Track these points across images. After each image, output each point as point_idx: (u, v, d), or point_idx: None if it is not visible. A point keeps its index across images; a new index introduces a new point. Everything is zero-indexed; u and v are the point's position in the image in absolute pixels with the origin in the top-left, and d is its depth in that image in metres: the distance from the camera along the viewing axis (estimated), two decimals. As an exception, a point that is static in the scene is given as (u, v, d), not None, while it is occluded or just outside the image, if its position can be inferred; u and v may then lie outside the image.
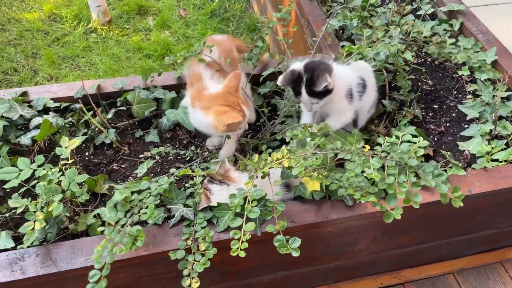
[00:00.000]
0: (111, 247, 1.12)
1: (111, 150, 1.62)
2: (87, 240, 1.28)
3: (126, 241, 1.13)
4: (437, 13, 2.28)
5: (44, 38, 2.97)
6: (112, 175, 1.55)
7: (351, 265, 1.66)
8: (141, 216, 1.18)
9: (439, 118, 1.82)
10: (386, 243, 1.61)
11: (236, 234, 1.16)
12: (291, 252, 1.14)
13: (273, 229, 1.19)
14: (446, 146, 1.70)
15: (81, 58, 2.87)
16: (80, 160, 1.58)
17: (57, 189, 1.26)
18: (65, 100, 1.70)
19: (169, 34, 3.13)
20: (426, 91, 1.93)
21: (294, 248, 1.14)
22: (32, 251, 1.24)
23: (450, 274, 1.80)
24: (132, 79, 1.77)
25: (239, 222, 1.21)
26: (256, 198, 1.21)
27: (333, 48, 1.97)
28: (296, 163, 1.21)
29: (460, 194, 1.23)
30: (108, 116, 1.64)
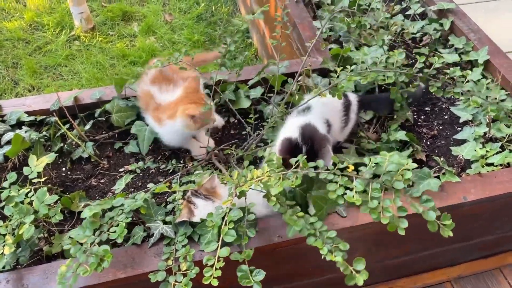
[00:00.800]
0: (75, 268, 1.04)
1: (90, 164, 1.55)
2: (61, 263, 1.20)
3: (91, 262, 1.05)
4: (427, 12, 2.22)
5: (25, 47, 2.89)
6: (90, 191, 1.47)
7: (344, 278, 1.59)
8: (111, 234, 1.10)
9: (431, 121, 1.76)
10: (380, 254, 1.55)
11: (209, 260, 1.09)
12: (253, 285, 1.07)
13: (239, 257, 1.12)
14: (439, 150, 1.64)
15: (63, 67, 2.79)
16: (56, 176, 1.51)
17: (28, 210, 1.19)
18: (40, 113, 1.62)
19: (155, 40, 3.05)
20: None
21: (256, 282, 1.07)
22: (2, 277, 1.17)
23: (447, 282, 1.74)
24: (110, 89, 1.70)
25: (214, 246, 1.13)
26: (234, 219, 1.14)
27: (320, 52, 1.91)
28: (276, 182, 1.13)
29: (450, 223, 1.14)
30: (86, 127, 1.56)
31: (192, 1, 3.34)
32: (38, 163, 1.19)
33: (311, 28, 2.05)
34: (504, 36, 2.08)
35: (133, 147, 1.58)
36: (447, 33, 2.08)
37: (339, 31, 2.05)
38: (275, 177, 1.18)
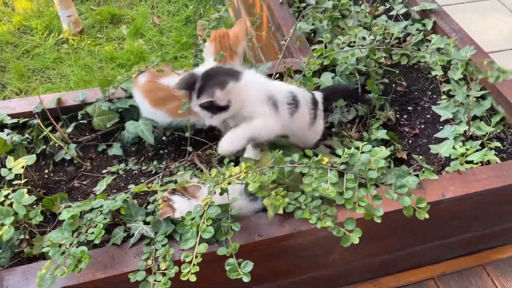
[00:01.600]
0: (53, 270, 1.05)
1: (72, 166, 1.55)
2: (41, 264, 1.21)
3: (69, 263, 1.06)
4: (411, 12, 2.25)
5: (13, 51, 2.89)
6: (73, 193, 1.48)
7: (327, 276, 1.60)
8: (88, 236, 1.11)
9: (413, 120, 1.78)
10: (362, 251, 1.56)
11: (187, 256, 1.10)
12: (242, 277, 1.08)
13: (225, 251, 1.13)
14: (420, 148, 1.66)
15: (51, 70, 2.79)
16: (39, 178, 1.51)
17: (8, 212, 1.19)
18: (24, 116, 1.63)
19: (143, 42, 3.06)
20: (400, 93, 1.88)
21: (245, 273, 1.08)
22: (-19, 278, 1.17)
23: (430, 280, 1.75)
24: (94, 91, 1.71)
25: (192, 243, 1.14)
26: (212, 216, 1.15)
27: (303, 52, 1.92)
28: (253, 179, 1.15)
29: (425, 206, 1.15)
30: (68, 130, 1.57)
31: (181, 3, 3.35)
32: (15, 164, 1.20)
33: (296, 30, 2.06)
34: (487, 36, 2.11)
35: (117, 150, 1.59)
36: (430, 32, 2.11)
37: (322, 32, 2.07)
38: (252, 173, 1.19)
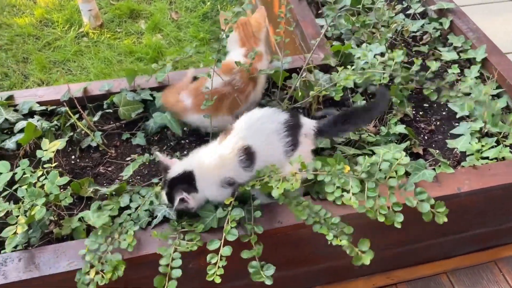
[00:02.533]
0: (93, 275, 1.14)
1: (98, 153, 1.61)
2: (70, 244, 1.26)
3: (107, 270, 1.14)
4: (428, 11, 2.27)
5: (35, 42, 2.96)
6: (98, 178, 1.53)
7: (343, 266, 1.63)
8: (121, 243, 1.19)
9: (429, 116, 1.81)
10: (378, 243, 1.59)
11: (213, 258, 1.15)
12: (265, 280, 1.13)
13: (249, 254, 1.17)
14: (436, 144, 1.69)
15: (72, 63, 2.86)
16: (66, 163, 1.57)
17: (40, 193, 1.25)
18: (51, 104, 1.68)
19: (161, 37, 3.12)
20: (417, 90, 1.91)
21: (267, 277, 1.13)
22: (14, 255, 1.23)
23: (443, 274, 1.78)
24: (119, 81, 1.76)
25: (216, 244, 1.18)
26: (236, 218, 1.20)
27: (322, 48, 1.96)
28: (276, 184, 1.19)
29: (444, 210, 1.18)
30: (94, 118, 1.62)
31: (198, 0, 3.41)
32: (50, 146, 1.25)
33: (314, 26, 2.10)
34: (503, 37, 2.13)
35: (141, 139, 1.63)
36: (447, 32, 2.13)
37: (341, 29, 2.11)
38: (275, 179, 1.24)
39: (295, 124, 1.36)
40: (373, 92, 1.81)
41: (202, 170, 1.27)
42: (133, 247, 1.21)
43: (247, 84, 1.61)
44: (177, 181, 1.27)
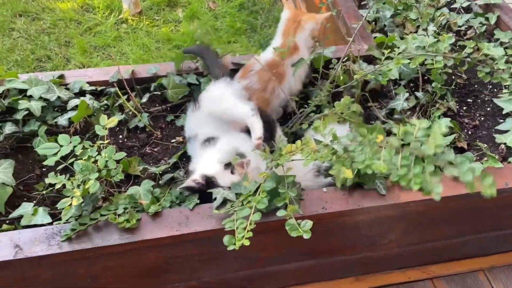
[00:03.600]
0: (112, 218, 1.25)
1: (144, 133, 1.65)
2: (120, 218, 1.30)
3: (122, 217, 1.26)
4: (472, 6, 2.23)
5: (76, 27, 3.03)
6: (144, 158, 1.57)
7: (380, 257, 1.64)
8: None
9: (473, 112, 1.79)
10: (417, 235, 1.59)
11: (242, 224, 1.17)
12: (303, 234, 1.14)
13: (284, 214, 1.19)
14: (480, 140, 1.66)
15: (112, 48, 2.92)
16: (114, 142, 1.61)
17: (93, 168, 1.29)
18: (100, 84, 1.73)
19: (198, 26, 3.15)
20: (460, 85, 1.89)
21: (305, 231, 1.14)
22: (68, 226, 1.27)
23: (480, 271, 1.76)
24: (165, 65, 1.80)
25: (247, 212, 1.20)
26: (267, 189, 1.21)
27: (365, 39, 1.95)
28: (307, 155, 1.19)
29: (492, 182, 1.06)
30: (142, 100, 1.66)
31: (235, -10, 3.42)
32: (108, 122, 1.29)
33: (357, 17, 2.09)
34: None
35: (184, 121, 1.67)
36: (493, 27, 2.09)
37: (384, 21, 2.09)
38: (307, 151, 1.24)
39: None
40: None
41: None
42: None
43: (267, 82, 1.62)
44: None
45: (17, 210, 1.35)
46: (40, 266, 1.25)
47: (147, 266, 1.37)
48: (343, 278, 1.69)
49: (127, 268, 1.35)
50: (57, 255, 1.22)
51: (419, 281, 1.72)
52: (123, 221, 1.23)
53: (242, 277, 1.55)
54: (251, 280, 1.57)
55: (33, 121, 1.56)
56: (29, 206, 1.35)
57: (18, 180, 1.47)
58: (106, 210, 1.29)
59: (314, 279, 1.67)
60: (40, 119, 1.57)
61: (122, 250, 1.26)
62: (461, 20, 2.10)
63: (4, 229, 1.32)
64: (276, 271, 1.56)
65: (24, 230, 1.26)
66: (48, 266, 1.26)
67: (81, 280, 1.35)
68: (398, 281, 1.70)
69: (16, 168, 1.47)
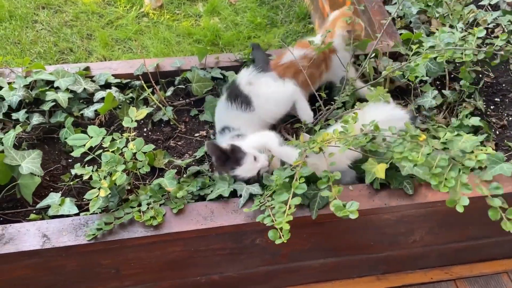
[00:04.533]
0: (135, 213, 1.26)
1: (168, 127, 1.65)
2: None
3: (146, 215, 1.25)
4: (500, 4, 2.18)
5: (98, 20, 3.05)
6: (169, 151, 1.57)
7: (402, 257, 1.62)
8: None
9: (501, 111, 1.75)
10: (441, 236, 1.57)
11: (281, 208, 1.16)
12: (349, 215, 1.12)
13: (329, 194, 1.18)
14: (509, 140, 1.63)
15: (133, 41, 2.93)
16: (138, 135, 1.62)
17: (120, 160, 1.30)
18: (124, 77, 1.74)
19: (219, 21, 3.14)
20: (487, 84, 1.85)
21: (351, 211, 1.12)
22: (95, 217, 1.28)
23: (504, 274, 1.73)
24: (189, 59, 1.80)
25: (285, 196, 1.19)
26: (304, 175, 1.20)
27: (390, 35, 1.92)
28: (345, 142, 1.18)
29: None
30: (167, 94, 1.66)
31: (256, -15, 3.40)
32: (138, 114, 1.30)
33: (382, 13, 2.07)
34: None
35: (208, 116, 1.67)
36: (522, 25, 2.04)
37: (410, 17, 2.06)
38: (344, 139, 1.23)
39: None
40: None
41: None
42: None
43: (321, 61, 1.68)
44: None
45: (45, 200, 1.36)
46: (67, 256, 1.26)
47: (170, 259, 1.37)
48: (364, 277, 1.68)
49: (151, 260, 1.35)
50: (84, 246, 1.23)
51: (441, 281, 1.70)
52: (149, 219, 1.24)
53: (264, 273, 1.55)
54: (272, 276, 1.57)
55: (59, 113, 1.57)
56: (57, 196, 1.37)
57: (45, 170, 1.49)
58: (130, 207, 1.29)
59: (336, 277, 1.66)
60: (67, 111, 1.59)
61: (146, 243, 1.27)
62: (490, 17, 2.05)
63: (32, 219, 1.33)
64: (298, 267, 1.56)
65: (51, 220, 1.27)
66: (74, 257, 1.28)
67: (105, 271, 1.36)
68: (420, 282, 1.68)
69: (43, 159, 1.48)
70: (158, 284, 1.48)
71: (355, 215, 1.12)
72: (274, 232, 1.14)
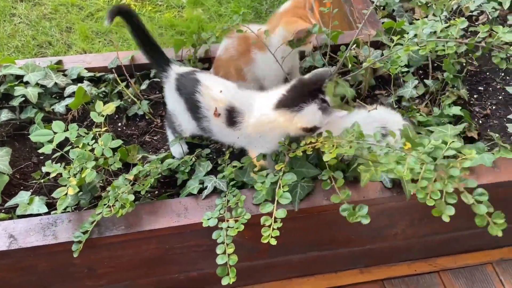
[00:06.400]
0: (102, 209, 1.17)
1: (144, 121, 1.60)
2: (118, 208, 1.27)
3: (115, 207, 1.17)
4: (485, -9, 2.15)
5: (78, 12, 2.98)
6: (144, 147, 1.53)
7: (385, 249, 1.60)
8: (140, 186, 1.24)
9: (484, 100, 1.72)
10: (423, 228, 1.54)
11: (267, 220, 1.13)
12: (361, 220, 1.11)
13: (338, 199, 1.16)
14: (491, 129, 1.61)
15: (114, 34, 2.86)
16: (113, 130, 1.57)
17: (90, 156, 1.25)
18: (99, 70, 1.69)
19: (202, 12, 3.08)
20: (471, 72, 1.82)
21: (363, 216, 1.11)
22: (64, 216, 1.24)
23: (488, 264, 1.71)
24: (165, 51, 1.73)
25: (269, 207, 1.16)
26: (288, 183, 1.16)
27: (372, 24, 1.88)
28: (329, 149, 1.14)
29: (502, 223, 1.07)
30: (142, 87, 1.61)
31: (240, -25, 3.34)
32: (104, 109, 1.25)
33: (364, 1, 2.02)
34: None
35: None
36: (506, 12, 2.01)
37: (393, 5, 2.02)
38: (329, 144, 1.19)
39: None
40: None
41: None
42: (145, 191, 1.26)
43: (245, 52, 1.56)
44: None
45: (14, 198, 1.32)
46: (35, 257, 1.22)
47: (146, 257, 1.34)
48: (347, 270, 1.66)
49: (125, 259, 1.32)
50: (52, 246, 1.19)
51: (425, 274, 1.68)
52: (118, 210, 1.18)
53: (244, 268, 1.50)
54: (253, 271, 1.54)
55: (29, 108, 1.52)
56: (26, 195, 1.33)
57: (15, 168, 1.44)
58: (100, 207, 1.24)
59: (318, 271, 1.64)
60: (37, 106, 1.54)
61: (117, 241, 1.23)
62: (473, 5, 2.01)
63: (0, 218, 1.29)
64: (279, 262, 1.53)
65: (19, 220, 1.23)
66: (43, 257, 1.24)
67: (79, 270, 1.32)
68: (404, 274, 1.66)
69: (13, 156, 1.43)
70: (135, 282, 1.45)
71: (366, 220, 1.11)
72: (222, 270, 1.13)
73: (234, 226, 1.14)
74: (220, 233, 1.16)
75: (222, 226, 1.17)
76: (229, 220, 1.17)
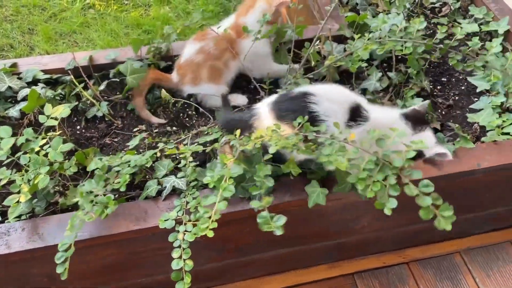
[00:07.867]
0: (82, 215, 1.10)
1: (104, 123, 1.56)
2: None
3: (96, 209, 1.11)
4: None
5: (41, 14, 2.90)
6: (104, 149, 1.49)
7: (353, 243, 1.60)
8: (115, 185, 1.17)
9: (447, 91, 1.74)
10: (390, 220, 1.54)
11: (207, 212, 1.09)
12: (274, 231, 1.06)
13: (258, 205, 1.10)
14: (454, 120, 1.62)
15: (78, 34, 2.79)
16: (71, 133, 1.53)
17: (44, 161, 1.21)
18: (56, 72, 1.63)
19: (169, 10, 3.04)
20: (434, 64, 1.83)
21: (277, 227, 1.06)
22: (18, 225, 1.20)
23: (456, 253, 1.73)
24: (125, 50, 1.70)
25: (212, 199, 1.11)
26: (234, 176, 1.13)
27: (336, 18, 1.88)
28: (275, 142, 1.12)
29: (450, 215, 1.03)
30: (100, 88, 1.57)
31: (208, -29, 3.30)
32: (53, 111, 1.21)
33: (329, -4, 2.01)
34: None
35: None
36: (467, 3, 2.04)
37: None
38: (276, 137, 1.17)
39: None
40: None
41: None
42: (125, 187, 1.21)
43: (223, 51, 1.57)
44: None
45: (-35, 208, 1.27)
46: (-11, 268, 1.18)
47: (108, 263, 1.30)
48: (317, 265, 1.65)
49: (85, 265, 1.28)
50: (5, 256, 1.14)
51: (394, 265, 1.69)
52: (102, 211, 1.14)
53: (213, 269, 1.49)
54: (223, 271, 1.52)
55: (-18, 113, 1.46)
56: (-22, 204, 1.27)
57: (-33, 176, 1.38)
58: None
59: (289, 267, 1.62)
60: (-10, 111, 1.48)
61: (78, 248, 1.19)
62: (435, -4, 2.03)
63: (-49, 229, 1.23)
64: (249, 261, 1.51)
65: (-31, 230, 1.18)
66: (-3, 267, 1.19)
67: (38, 279, 1.28)
68: (373, 267, 1.67)
69: (-35, 164, 1.37)
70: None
71: (280, 231, 1.06)
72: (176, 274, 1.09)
73: (192, 231, 1.11)
74: (176, 236, 1.13)
75: (179, 229, 1.14)
76: (186, 224, 1.14)
